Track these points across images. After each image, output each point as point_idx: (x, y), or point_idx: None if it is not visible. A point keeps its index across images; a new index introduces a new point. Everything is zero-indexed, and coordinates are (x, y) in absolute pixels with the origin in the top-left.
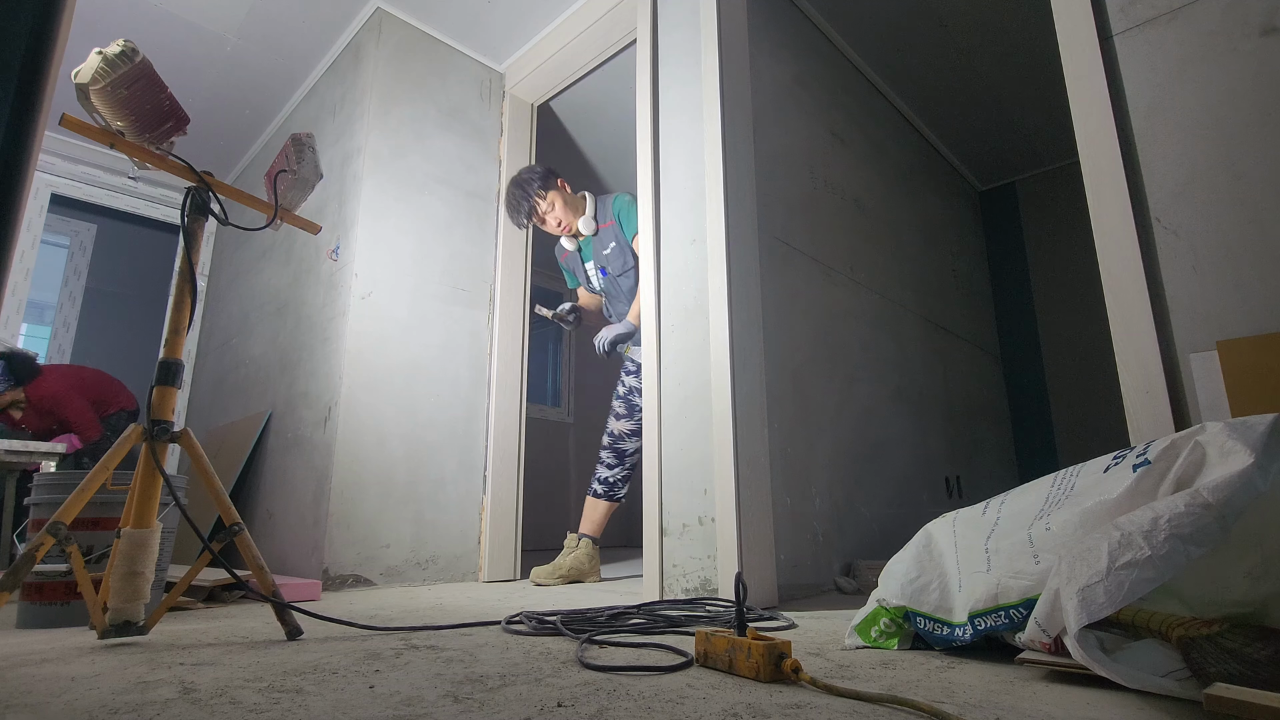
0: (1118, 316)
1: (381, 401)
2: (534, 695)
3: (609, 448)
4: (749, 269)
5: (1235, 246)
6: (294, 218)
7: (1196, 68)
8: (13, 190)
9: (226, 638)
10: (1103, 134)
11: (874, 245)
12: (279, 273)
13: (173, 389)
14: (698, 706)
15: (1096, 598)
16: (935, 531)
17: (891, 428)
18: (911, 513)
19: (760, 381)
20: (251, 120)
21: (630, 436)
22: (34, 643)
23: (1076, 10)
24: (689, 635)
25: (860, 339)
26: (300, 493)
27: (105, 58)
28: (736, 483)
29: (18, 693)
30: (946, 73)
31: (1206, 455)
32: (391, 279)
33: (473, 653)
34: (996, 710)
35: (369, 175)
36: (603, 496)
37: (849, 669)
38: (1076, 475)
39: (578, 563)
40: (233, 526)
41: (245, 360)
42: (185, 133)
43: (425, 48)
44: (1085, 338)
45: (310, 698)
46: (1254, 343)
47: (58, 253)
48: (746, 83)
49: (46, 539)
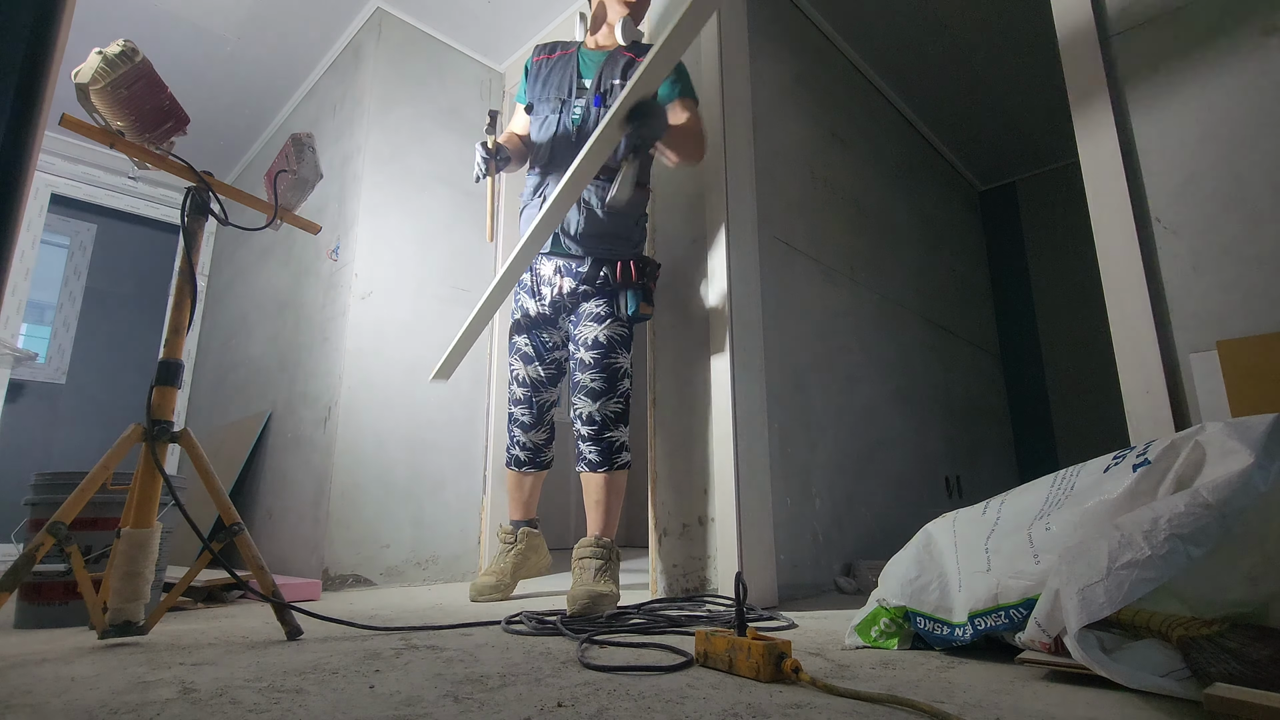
0: (1118, 316)
1: (381, 401)
2: (534, 695)
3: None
4: (749, 269)
5: (1235, 246)
6: (294, 218)
7: (1196, 67)
8: (13, 190)
9: (226, 638)
10: (1103, 134)
11: (874, 245)
12: (279, 273)
13: (173, 389)
14: (698, 706)
15: (1096, 598)
16: (935, 531)
17: (891, 428)
18: (911, 513)
19: (760, 381)
20: (251, 120)
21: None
22: (34, 643)
23: (1076, 10)
24: (689, 635)
25: (860, 339)
26: (300, 493)
27: (105, 58)
28: (736, 483)
29: (18, 693)
30: (946, 73)
31: (1206, 455)
32: (391, 279)
33: (473, 653)
34: (996, 710)
35: (369, 175)
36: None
37: (849, 669)
38: (1076, 475)
39: (494, 563)
40: (233, 526)
41: (245, 360)
42: (185, 133)
43: (425, 47)
44: (1085, 338)
45: (310, 698)
46: (1254, 343)
47: (58, 253)
48: (746, 82)
49: (46, 539)
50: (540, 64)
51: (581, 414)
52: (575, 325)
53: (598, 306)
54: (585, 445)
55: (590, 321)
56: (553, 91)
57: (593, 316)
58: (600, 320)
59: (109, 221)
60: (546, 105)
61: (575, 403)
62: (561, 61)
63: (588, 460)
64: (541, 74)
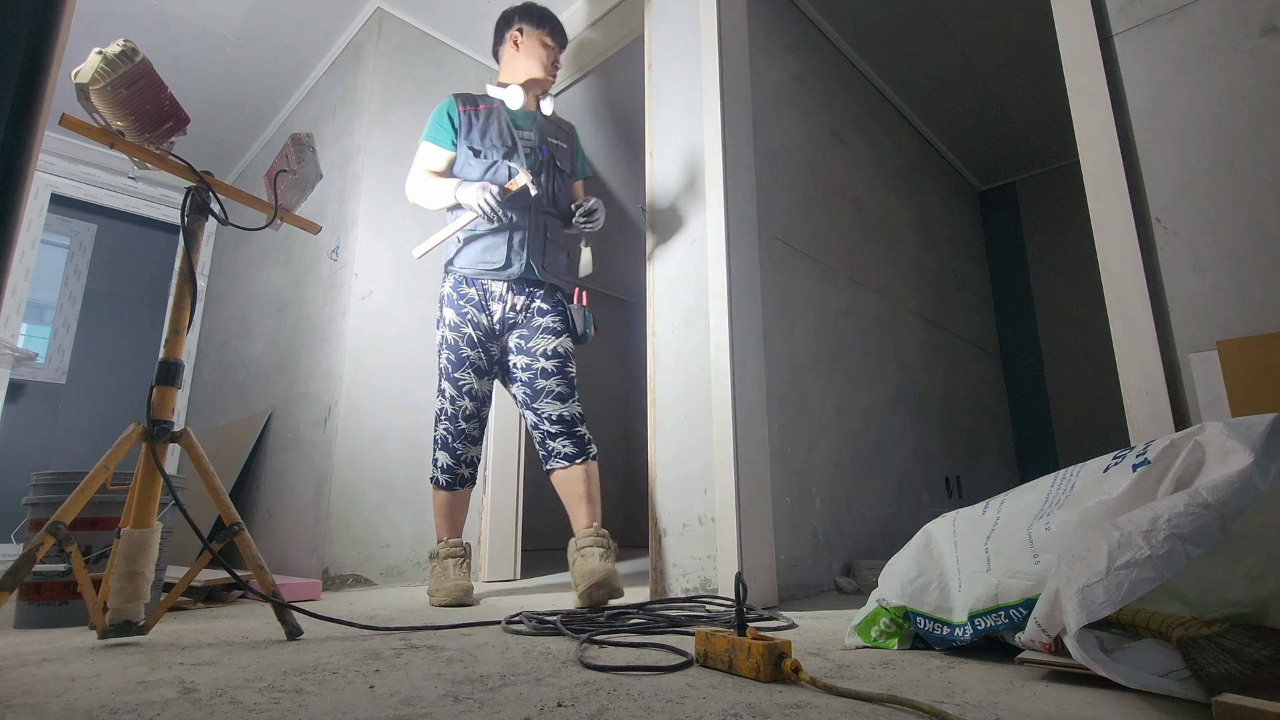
0: (1118, 316)
1: (381, 401)
2: (534, 695)
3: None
4: (749, 269)
5: (1235, 246)
6: (294, 218)
7: (1196, 68)
8: (13, 190)
9: (226, 638)
10: (1103, 134)
11: (874, 245)
12: (279, 273)
13: (173, 389)
14: (698, 706)
15: (1096, 598)
16: (935, 531)
17: (891, 428)
18: (911, 513)
19: (760, 381)
20: (251, 120)
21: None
22: (34, 643)
23: (1076, 10)
24: (689, 635)
25: (860, 339)
26: (300, 493)
27: (105, 58)
28: (736, 483)
29: (18, 693)
30: (946, 72)
31: (1206, 455)
32: (391, 279)
33: (473, 653)
34: (996, 710)
35: (369, 175)
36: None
37: (849, 669)
38: (1076, 475)
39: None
40: (233, 526)
41: (245, 360)
42: (185, 133)
43: (425, 47)
44: (1085, 338)
45: (310, 698)
46: (1254, 343)
47: (58, 253)
48: (746, 83)
49: (46, 539)
50: (469, 114)
51: (550, 415)
52: (526, 339)
53: (553, 321)
54: (558, 442)
55: (546, 334)
56: (495, 139)
57: (548, 330)
58: (556, 334)
59: (109, 221)
60: (495, 151)
61: (539, 408)
62: (490, 114)
63: (565, 455)
64: (476, 124)
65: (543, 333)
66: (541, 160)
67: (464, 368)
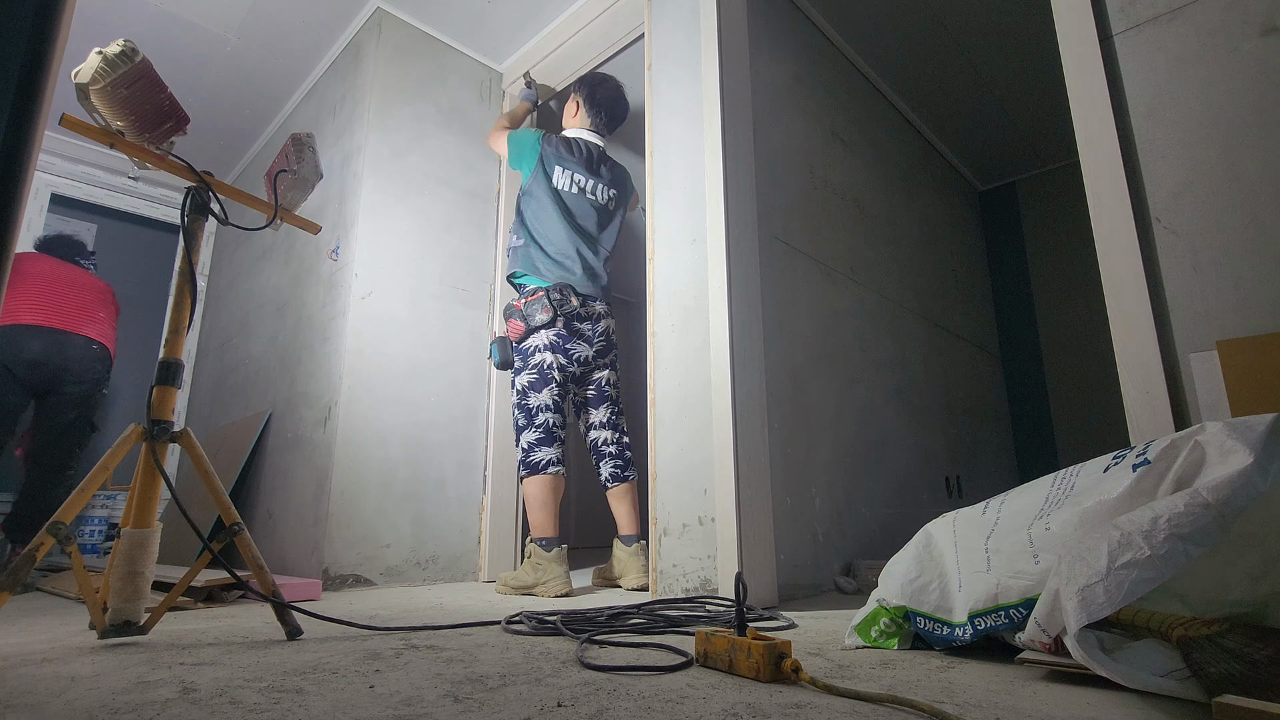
0: (1118, 316)
1: (381, 401)
2: (534, 695)
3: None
4: (749, 269)
5: (1235, 246)
6: (294, 218)
7: (1196, 68)
8: (13, 190)
9: (226, 638)
10: (1103, 134)
11: (874, 245)
12: (279, 273)
13: (173, 389)
14: (698, 706)
15: (1096, 598)
16: (935, 531)
17: (891, 428)
18: (911, 513)
19: (760, 381)
20: (251, 120)
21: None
22: (34, 643)
23: (1076, 10)
24: (689, 635)
25: (860, 339)
26: (300, 493)
27: (105, 58)
28: (736, 483)
29: (18, 693)
30: (946, 72)
31: (1206, 455)
32: (391, 279)
33: (473, 653)
34: (996, 710)
35: (369, 175)
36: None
37: (849, 669)
38: (1076, 475)
39: (514, 577)
40: (233, 526)
41: (245, 360)
42: (185, 133)
43: (425, 48)
44: (1085, 338)
45: (310, 698)
46: (1254, 343)
47: None
48: (746, 83)
49: (46, 539)
50: (543, 141)
51: (615, 438)
52: (601, 368)
53: (615, 355)
54: (619, 462)
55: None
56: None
57: (613, 362)
58: (616, 368)
59: (109, 221)
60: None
61: (609, 427)
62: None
63: (625, 475)
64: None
65: (613, 362)
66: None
67: (564, 371)
